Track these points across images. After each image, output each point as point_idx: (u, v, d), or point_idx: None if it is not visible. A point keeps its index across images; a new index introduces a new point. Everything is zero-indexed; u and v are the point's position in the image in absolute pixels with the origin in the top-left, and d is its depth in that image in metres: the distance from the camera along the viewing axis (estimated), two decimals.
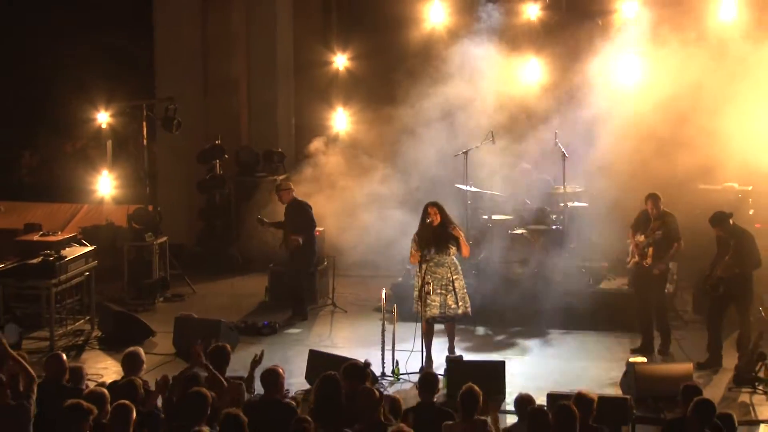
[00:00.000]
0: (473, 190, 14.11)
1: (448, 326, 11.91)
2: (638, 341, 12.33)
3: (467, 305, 11.75)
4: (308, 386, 10.49)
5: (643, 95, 14.40)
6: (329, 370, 8.55)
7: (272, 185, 15.84)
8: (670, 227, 11.94)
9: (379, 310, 12.43)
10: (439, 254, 11.57)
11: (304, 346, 12.36)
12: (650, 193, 12.06)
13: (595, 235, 14.04)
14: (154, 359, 11.88)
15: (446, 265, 11.61)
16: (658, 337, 12.24)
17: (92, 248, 13.63)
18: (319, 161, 16.08)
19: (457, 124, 14.83)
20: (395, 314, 11.47)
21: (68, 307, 13.50)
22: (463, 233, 11.90)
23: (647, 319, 12.25)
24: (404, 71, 15.41)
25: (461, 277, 11.76)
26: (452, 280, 11.63)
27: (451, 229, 11.65)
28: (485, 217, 14.37)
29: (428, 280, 11.44)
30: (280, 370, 8.54)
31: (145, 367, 9.23)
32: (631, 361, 11.02)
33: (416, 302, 11.68)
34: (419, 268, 11.50)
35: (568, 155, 13.73)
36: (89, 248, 13.59)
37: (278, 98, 17.95)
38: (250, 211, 16.39)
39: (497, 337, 13.05)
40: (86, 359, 12.38)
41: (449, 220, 11.73)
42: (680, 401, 8.24)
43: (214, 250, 17.10)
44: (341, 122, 17.56)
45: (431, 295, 11.49)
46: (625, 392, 10.46)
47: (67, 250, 13.28)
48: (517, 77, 15.36)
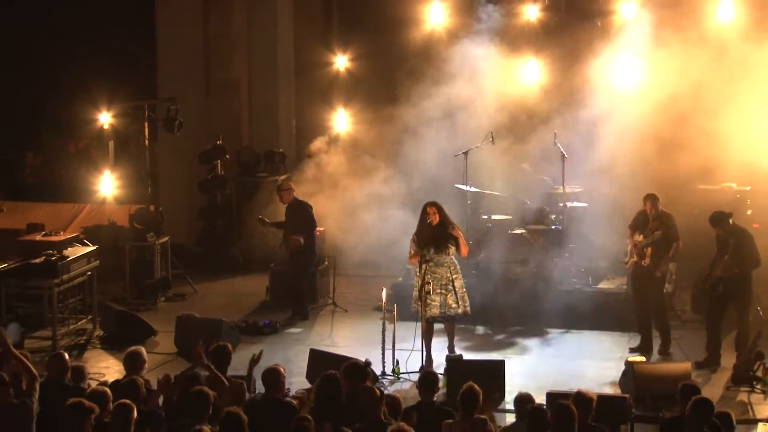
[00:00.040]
0: (473, 190, 14.13)
1: (447, 325, 11.94)
2: (637, 340, 12.36)
3: (466, 304, 11.79)
4: (309, 385, 10.44)
5: (641, 96, 14.41)
6: (330, 369, 8.58)
7: (273, 185, 15.86)
8: (669, 228, 11.96)
9: (379, 309, 12.44)
10: (438, 254, 11.59)
11: (304, 345, 12.38)
12: (648, 193, 12.08)
13: (594, 235, 14.11)
14: (155, 358, 11.89)
15: (446, 264, 11.64)
16: (657, 337, 12.24)
17: (94, 248, 13.65)
18: (319, 161, 16.13)
19: (457, 124, 14.86)
20: (395, 314, 11.48)
21: (70, 306, 13.52)
22: (462, 233, 11.93)
23: (646, 318, 12.27)
24: (404, 72, 15.43)
25: (460, 276, 11.79)
26: (452, 279, 11.65)
27: (450, 229, 11.66)
28: (485, 217, 14.41)
29: (428, 279, 11.45)
30: (281, 369, 8.53)
31: (146, 366, 9.23)
32: (629, 360, 11.05)
33: (414, 302, 11.71)
34: (419, 268, 11.52)
35: (567, 155, 13.78)
36: (91, 248, 13.61)
37: (279, 99, 17.99)
38: (251, 211, 16.44)
39: (497, 336, 13.07)
40: (88, 358, 12.40)
41: (448, 219, 11.74)
42: (679, 400, 8.24)
43: (215, 250, 17.12)
44: (342, 123, 17.56)
45: (431, 294, 11.50)
46: (624, 391, 10.48)
47: (69, 249, 13.30)
48: (516, 78, 15.38)
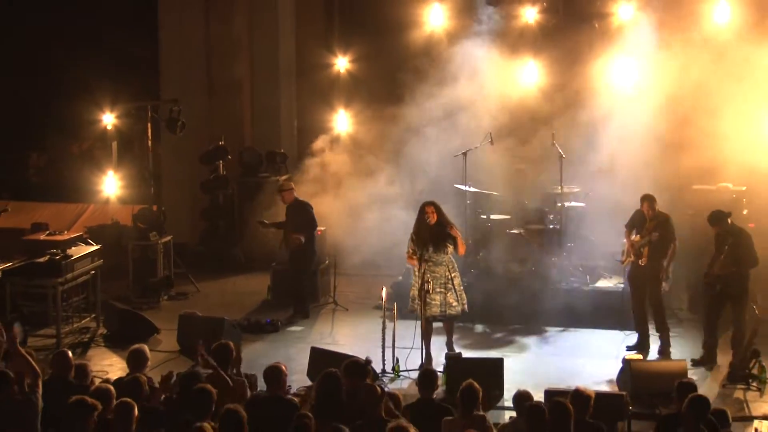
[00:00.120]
0: (472, 190, 14.19)
1: (446, 323, 11.98)
2: (634, 339, 12.43)
3: (464, 302, 11.83)
4: (310, 383, 10.51)
5: (639, 97, 14.48)
6: (330, 367, 8.60)
7: (275, 186, 15.91)
8: (666, 229, 12.00)
9: (379, 308, 12.46)
10: (436, 253, 11.62)
11: (305, 343, 12.42)
12: (645, 194, 12.13)
13: (592, 234, 14.20)
14: (158, 356, 11.93)
15: (444, 263, 11.67)
16: (655, 336, 12.29)
17: (98, 247, 13.70)
18: (320, 162, 16.21)
19: (456, 125, 14.92)
20: (395, 312, 11.52)
21: (74, 305, 13.58)
22: (460, 232, 11.97)
23: (643, 316, 12.33)
24: (404, 73, 15.49)
25: (458, 274, 11.84)
26: (451, 278, 11.69)
27: (448, 228, 11.71)
28: (484, 216, 14.47)
29: (428, 278, 11.50)
30: (282, 366, 8.57)
31: (149, 364, 9.29)
32: (627, 358, 11.15)
33: (412, 301, 11.79)
34: (419, 267, 11.57)
35: (565, 156, 13.87)
36: (95, 247, 13.67)
37: (281, 100, 18.05)
38: (253, 211, 16.47)
39: (496, 334, 13.12)
40: (92, 356, 12.45)
41: (446, 219, 11.78)
42: (675, 397, 8.29)
43: (217, 249, 17.18)
44: (342, 123, 17.60)
45: (431, 294, 11.55)
46: (621, 389, 10.52)
47: (73, 249, 13.38)
48: (515, 80, 15.42)
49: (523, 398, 8.37)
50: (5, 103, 19.13)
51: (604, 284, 14.08)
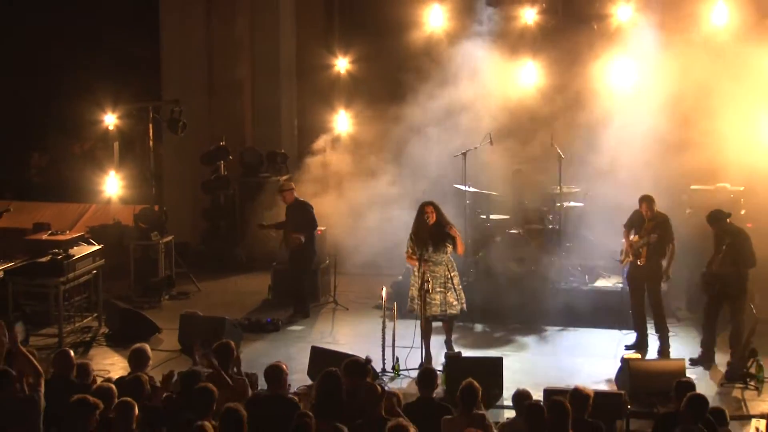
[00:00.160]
0: (471, 190, 14.20)
1: (446, 322, 12.01)
2: (632, 338, 12.47)
3: (463, 301, 11.87)
4: (310, 382, 10.56)
5: (637, 98, 14.53)
6: (331, 366, 8.61)
7: (276, 186, 15.91)
8: (665, 229, 12.02)
9: (379, 307, 12.49)
10: (436, 253, 11.65)
11: (306, 342, 12.45)
12: (644, 195, 12.12)
13: (591, 234, 14.24)
14: (159, 355, 11.96)
15: (443, 263, 11.70)
16: (654, 336, 12.30)
17: (99, 247, 13.72)
18: (321, 162, 16.26)
19: (456, 125, 14.94)
20: (395, 312, 11.54)
21: (76, 304, 13.61)
22: (459, 232, 12.00)
23: (641, 316, 12.36)
24: (404, 74, 15.54)
25: (457, 273, 11.88)
26: (450, 277, 11.72)
27: (448, 228, 11.74)
28: (483, 216, 14.50)
29: (428, 278, 11.53)
30: (283, 366, 8.58)
31: (151, 363, 9.29)
32: (625, 357, 11.14)
33: (411, 301, 11.82)
34: (419, 266, 11.59)
35: (564, 156, 13.92)
36: (96, 247, 13.69)
37: (281, 100, 18.09)
38: (253, 211, 16.52)
39: (495, 334, 13.15)
40: (93, 355, 12.48)
41: (445, 219, 11.81)
42: (673, 396, 8.31)
43: (218, 249, 17.21)
44: (343, 124, 17.63)
45: (431, 293, 11.58)
46: (619, 388, 10.52)
47: (75, 248, 13.40)
48: (515, 80, 15.45)
49: (522, 397, 8.39)
50: (7, 103, 19.16)
51: (602, 284, 14.12)
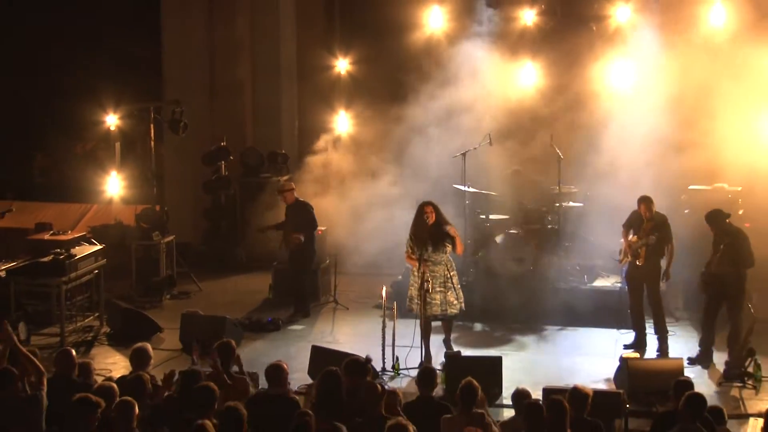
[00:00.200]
0: (471, 190, 14.23)
1: (445, 322, 12.05)
2: (631, 337, 12.50)
3: (461, 300, 11.93)
4: (310, 381, 10.58)
5: (636, 98, 14.56)
6: (331, 365, 8.64)
7: (276, 186, 15.88)
8: (664, 230, 12.05)
9: (379, 307, 12.51)
10: (435, 253, 11.68)
11: (306, 342, 12.49)
12: (643, 196, 12.13)
13: (589, 234, 14.27)
14: (161, 355, 11.99)
15: (443, 263, 11.74)
16: (652, 336, 12.31)
17: (101, 247, 13.75)
18: (321, 162, 16.30)
19: (456, 126, 14.97)
20: (395, 311, 11.57)
21: (78, 304, 13.61)
22: (458, 232, 12.03)
23: (639, 316, 12.38)
24: (404, 75, 15.59)
25: (456, 273, 11.91)
26: (450, 277, 11.77)
27: (447, 228, 11.78)
28: (483, 216, 14.52)
29: (428, 278, 11.56)
30: (283, 365, 8.62)
31: (152, 362, 9.32)
32: (624, 356, 11.19)
33: (410, 301, 11.86)
34: (419, 266, 11.61)
35: (563, 157, 13.95)
36: (98, 247, 13.72)
37: (282, 101, 18.12)
38: (254, 211, 16.55)
39: (495, 333, 13.18)
40: (95, 355, 12.51)
41: (444, 219, 11.84)
42: (672, 395, 8.33)
43: (219, 249, 17.24)
44: (343, 124, 17.65)
45: (431, 293, 11.61)
46: (618, 387, 10.56)
47: (77, 248, 13.42)
48: (514, 81, 15.49)
49: (521, 396, 8.41)
50: (8, 103, 19.19)
51: (601, 283, 14.14)
